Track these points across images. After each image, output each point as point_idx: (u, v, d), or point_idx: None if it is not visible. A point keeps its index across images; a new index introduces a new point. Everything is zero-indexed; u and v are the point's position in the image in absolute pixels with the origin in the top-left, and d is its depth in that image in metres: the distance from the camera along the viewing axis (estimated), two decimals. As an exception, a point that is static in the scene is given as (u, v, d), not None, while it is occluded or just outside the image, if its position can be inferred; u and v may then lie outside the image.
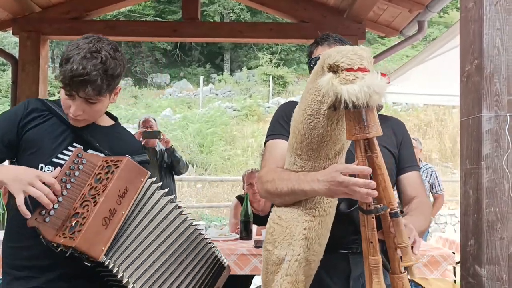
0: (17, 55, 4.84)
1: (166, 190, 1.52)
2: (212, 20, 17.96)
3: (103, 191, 1.39)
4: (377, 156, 1.28)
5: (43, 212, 1.38)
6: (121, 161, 1.43)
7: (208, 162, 13.77)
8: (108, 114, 1.69)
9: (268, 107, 16.88)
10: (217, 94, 18.64)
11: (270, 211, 1.58)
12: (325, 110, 1.34)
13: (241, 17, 20.36)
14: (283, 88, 18.87)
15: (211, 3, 20.22)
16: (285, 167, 1.53)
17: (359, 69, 1.23)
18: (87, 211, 1.36)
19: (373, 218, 1.29)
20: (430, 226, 5.25)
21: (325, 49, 1.67)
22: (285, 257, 1.42)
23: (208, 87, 18.99)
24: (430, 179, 5.18)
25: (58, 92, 1.57)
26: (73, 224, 1.36)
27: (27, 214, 1.35)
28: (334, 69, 1.26)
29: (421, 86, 5.30)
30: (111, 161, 1.47)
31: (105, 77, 1.43)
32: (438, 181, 5.20)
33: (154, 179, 1.49)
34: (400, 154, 1.74)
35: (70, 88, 1.43)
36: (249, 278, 3.85)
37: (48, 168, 1.49)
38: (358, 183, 1.27)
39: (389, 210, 1.29)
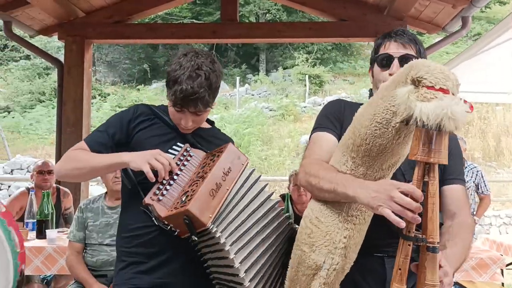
0: (61, 59, 5.00)
1: (259, 175, 1.67)
2: (248, 21, 18.02)
3: (210, 169, 1.55)
4: (433, 183, 1.23)
5: (157, 192, 1.54)
6: (226, 146, 1.63)
7: (245, 162, 13.81)
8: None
9: (305, 107, 16.79)
10: (253, 95, 18.69)
11: None
12: (397, 122, 1.28)
13: (277, 17, 20.33)
14: (319, 88, 18.73)
15: (247, 3, 20.29)
16: (331, 163, 1.48)
17: (441, 89, 1.17)
18: (197, 187, 1.51)
19: (409, 245, 1.25)
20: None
21: (398, 47, 1.58)
22: (323, 264, 1.39)
23: (244, 87, 19.06)
24: (475, 179, 5.02)
25: (99, 95, 1.69)
26: (183, 199, 1.50)
27: (153, 178, 1.52)
28: (416, 83, 1.21)
29: (463, 84, 5.15)
30: (215, 151, 1.66)
31: (210, 91, 1.61)
32: (484, 181, 5.04)
33: (254, 168, 1.66)
34: (447, 165, 1.66)
35: (181, 106, 1.61)
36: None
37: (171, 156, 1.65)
38: (410, 205, 1.21)
39: (428, 242, 1.23)
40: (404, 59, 1.54)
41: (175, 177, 1.57)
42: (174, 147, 1.67)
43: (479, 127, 14.87)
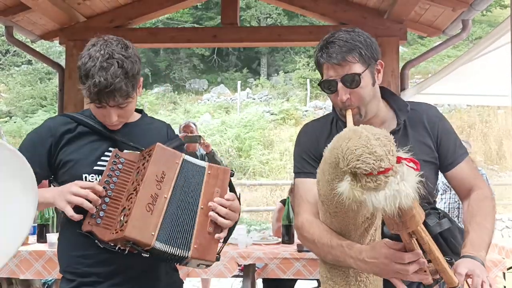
0: (62, 64, 5.02)
1: (200, 162, 1.54)
2: (249, 25, 18.06)
3: (141, 180, 1.42)
4: (424, 243, 1.21)
5: (94, 215, 1.41)
6: (154, 147, 1.47)
7: (247, 166, 13.83)
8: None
9: (306, 111, 16.80)
10: (254, 99, 18.72)
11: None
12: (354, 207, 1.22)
13: (278, 21, 20.39)
14: (320, 91, 18.74)
15: (248, 8, 20.35)
16: (320, 218, 1.44)
17: (380, 172, 1.08)
18: (132, 203, 1.39)
19: None
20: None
21: (335, 68, 1.46)
22: None
23: (246, 91, 19.08)
24: None
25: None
26: (121, 218, 1.39)
27: (80, 218, 1.40)
28: (352, 172, 1.11)
29: (464, 87, 5.16)
30: (145, 152, 1.51)
31: (128, 79, 1.44)
32: (488, 185, 5.03)
33: (188, 158, 1.51)
34: (441, 150, 1.61)
35: (99, 101, 1.45)
36: (292, 282, 3.83)
37: (92, 176, 1.52)
38: (412, 270, 1.23)
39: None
40: (347, 80, 1.47)
41: (109, 192, 1.44)
42: (106, 153, 1.55)
43: (481, 130, 14.86)
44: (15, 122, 16.75)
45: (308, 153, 1.58)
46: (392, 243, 1.26)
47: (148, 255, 1.39)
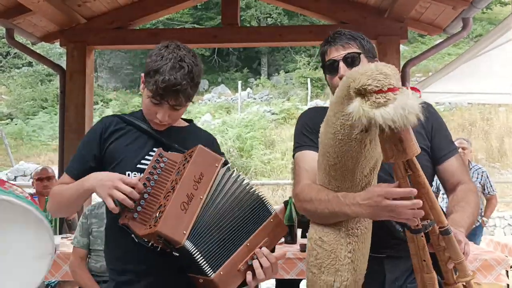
0: (63, 66, 5.02)
1: (240, 173, 1.56)
2: (249, 25, 18.06)
3: (180, 179, 1.45)
4: (419, 175, 1.24)
5: (131, 210, 1.45)
6: (195, 148, 1.51)
7: (248, 166, 13.83)
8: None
9: (307, 110, 16.79)
10: (255, 99, 18.72)
11: None
12: (357, 134, 1.29)
13: (278, 21, 20.38)
14: (321, 91, 18.74)
15: (248, 8, 20.35)
16: (318, 183, 1.49)
17: (389, 89, 1.17)
18: (168, 201, 1.42)
19: (422, 236, 1.28)
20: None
21: (338, 49, 1.60)
22: (333, 283, 1.40)
23: (246, 91, 19.09)
24: (481, 180, 5.01)
25: (101, 101, 1.62)
26: (157, 214, 1.41)
27: (116, 211, 1.43)
28: (361, 92, 1.19)
29: (465, 85, 5.15)
30: (187, 153, 1.54)
31: (193, 84, 1.54)
32: (489, 182, 5.03)
33: (229, 165, 1.54)
34: (434, 143, 1.66)
35: (161, 98, 1.52)
36: (295, 282, 3.82)
37: (135, 174, 1.57)
38: (405, 206, 1.24)
39: (439, 228, 1.27)
40: (348, 59, 1.58)
41: (148, 189, 1.47)
42: (150, 152, 1.60)
43: (482, 128, 14.85)
44: (16, 124, 16.78)
45: (306, 127, 1.64)
46: (386, 184, 1.31)
47: (178, 254, 1.42)
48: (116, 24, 4.89)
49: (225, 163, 1.55)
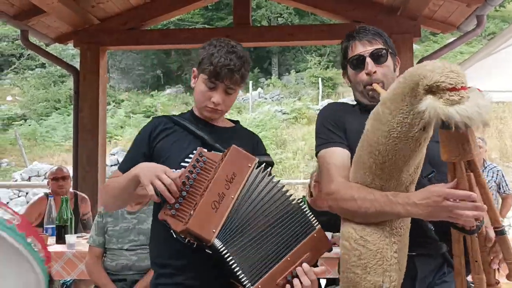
0: (76, 66, 5.06)
1: (274, 176, 1.57)
2: (260, 25, 18.05)
3: (213, 178, 1.48)
4: (479, 175, 1.25)
5: (169, 206, 1.49)
6: (229, 148, 1.53)
7: (259, 166, 13.81)
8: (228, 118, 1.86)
9: (318, 109, 16.67)
10: (266, 98, 18.71)
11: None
12: (416, 132, 1.28)
13: (289, 20, 20.35)
14: (332, 90, 18.69)
15: (259, 8, 20.34)
16: (352, 181, 1.46)
17: (462, 88, 1.17)
18: (201, 199, 1.45)
19: (476, 237, 1.29)
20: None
21: (365, 44, 1.59)
22: (382, 284, 1.38)
23: (257, 91, 19.09)
24: (496, 178, 4.97)
25: (113, 101, 1.64)
26: (191, 212, 1.44)
27: (156, 200, 1.48)
28: (433, 89, 1.18)
29: (478, 84, 5.09)
30: (224, 154, 1.57)
31: (245, 69, 1.66)
32: (505, 180, 4.99)
33: (263, 166, 1.54)
34: None
35: (217, 78, 1.62)
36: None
37: (178, 172, 1.61)
38: (466, 208, 1.24)
39: (494, 228, 1.30)
40: (375, 55, 1.58)
41: (187, 187, 1.51)
42: (194, 151, 1.64)
43: (496, 127, 14.68)
44: (29, 125, 16.94)
45: (331, 123, 1.62)
46: (442, 184, 1.30)
47: (211, 252, 1.45)
48: (129, 25, 4.93)
49: (264, 164, 1.55)
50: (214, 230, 1.41)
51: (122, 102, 18.84)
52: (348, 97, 17.12)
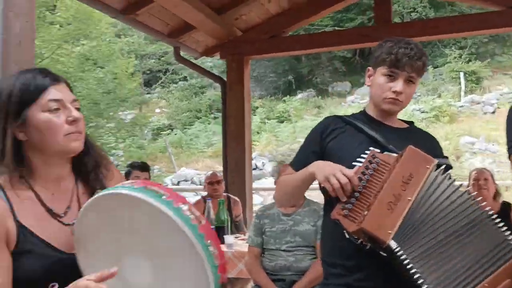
0: (223, 77, 5.37)
1: (454, 179, 1.51)
2: (400, 21, 17.39)
3: (388, 178, 1.45)
4: None
5: (343, 206, 1.49)
6: (405, 149, 1.49)
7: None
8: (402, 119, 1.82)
9: (461, 106, 15.61)
10: (402, 97, 17.94)
11: None
12: None
13: (423, 14, 19.30)
14: (476, 85, 17.25)
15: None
16: None
17: None
18: (375, 199, 1.43)
19: None
20: None
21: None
22: None
23: (392, 90, 18.39)
24: None
25: (256, 108, 1.68)
26: (365, 213, 1.43)
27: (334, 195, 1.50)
28: None
29: None
30: (399, 155, 1.53)
31: (424, 57, 1.65)
32: None
33: (442, 168, 1.49)
34: None
35: (398, 66, 1.62)
36: None
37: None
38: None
39: None
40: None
41: (360, 188, 1.50)
42: (366, 152, 1.62)
43: None
44: (175, 134, 18.41)
45: None
46: None
47: (385, 255, 1.42)
48: (270, 33, 5.09)
49: (444, 166, 1.49)
50: (390, 231, 1.37)
51: (257, 109, 19.53)
52: (494, 91, 15.69)
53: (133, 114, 19.24)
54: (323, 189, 1.61)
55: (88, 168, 1.29)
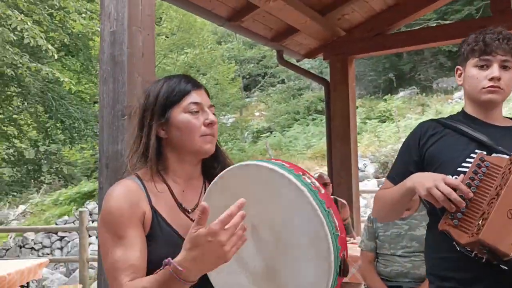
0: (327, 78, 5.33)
1: None
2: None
3: (505, 184, 1.35)
4: None
5: (451, 216, 1.41)
6: None
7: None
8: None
9: None
10: (515, 92, 16.55)
11: None
12: None
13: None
14: None
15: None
16: None
17: None
18: (491, 208, 1.33)
19: None
20: None
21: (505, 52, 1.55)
22: None
23: None
24: None
25: (356, 108, 1.61)
26: (479, 222, 1.34)
27: (438, 205, 1.40)
28: None
29: None
30: (511, 157, 1.43)
31: None
32: None
33: None
34: None
35: (489, 52, 1.53)
36: None
37: (455, 178, 1.51)
38: None
39: None
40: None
41: (470, 195, 1.39)
42: (471, 155, 1.51)
43: None
44: (275, 136, 18.65)
45: None
46: None
47: (506, 268, 1.32)
48: (374, 31, 4.95)
49: None
50: None
51: (357, 109, 19.13)
52: None
53: (233, 118, 19.84)
54: (425, 200, 1.50)
55: (216, 172, 1.34)
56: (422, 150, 1.61)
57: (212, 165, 1.36)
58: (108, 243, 1.19)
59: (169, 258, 1.07)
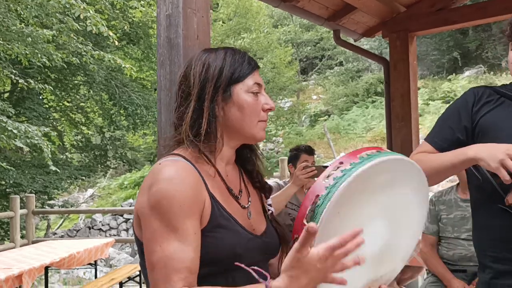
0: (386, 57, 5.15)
1: None
2: None
3: None
4: None
5: None
6: None
7: None
8: None
9: None
10: None
11: None
12: None
13: None
14: None
15: None
16: None
17: None
18: None
19: None
20: None
21: None
22: None
23: None
24: None
25: (418, 88, 1.52)
26: None
27: (509, 181, 1.28)
28: None
29: None
30: None
31: None
32: None
33: None
34: None
35: None
36: None
37: None
38: None
39: None
40: None
41: None
42: None
43: None
44: (333, 120, 18.41)
45: None
46: None
47: None
48: (437, 6, 4.71)
49: None
50: None
51: (419, 90, 18.46)
52: None
53: (290, 102, 19.75)
54: (479, 174, 1.41)
55: (251, 164, 1.29)
56: (475, 117, 1.49)
57: (247, 157, 1.29)
58: (158, 233, 1.03)
59: (269, 277, 0.96)
